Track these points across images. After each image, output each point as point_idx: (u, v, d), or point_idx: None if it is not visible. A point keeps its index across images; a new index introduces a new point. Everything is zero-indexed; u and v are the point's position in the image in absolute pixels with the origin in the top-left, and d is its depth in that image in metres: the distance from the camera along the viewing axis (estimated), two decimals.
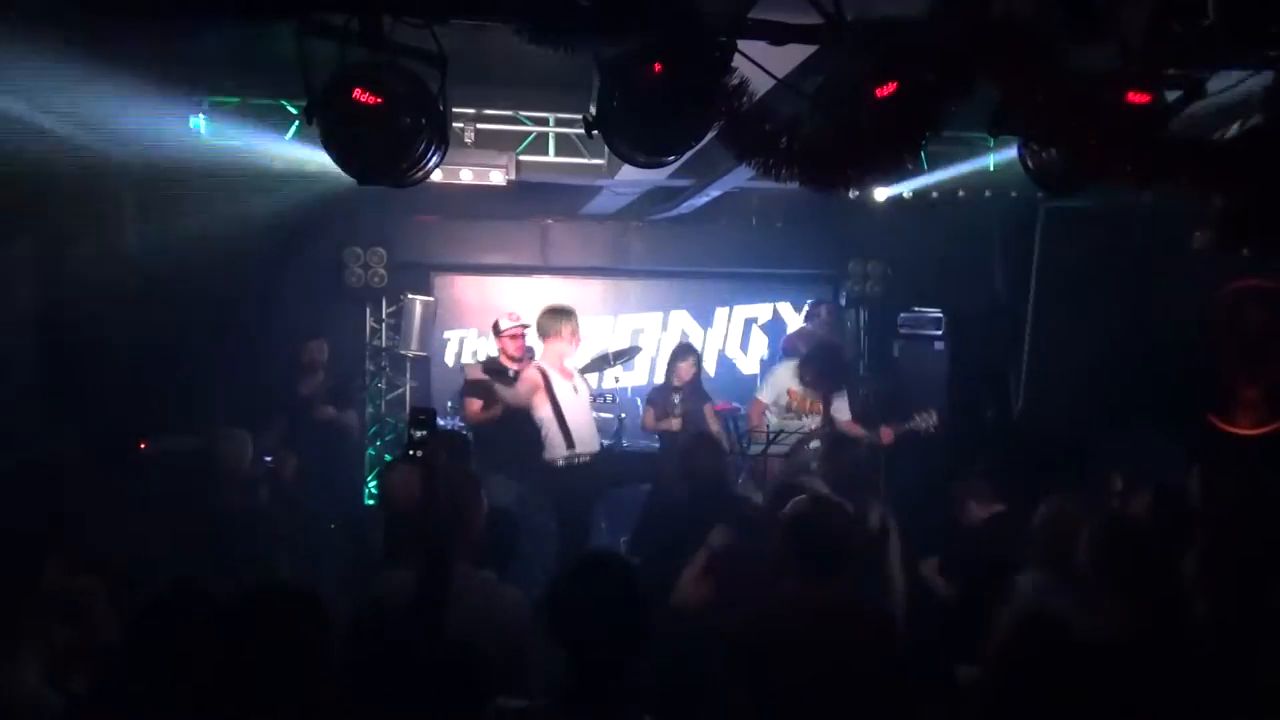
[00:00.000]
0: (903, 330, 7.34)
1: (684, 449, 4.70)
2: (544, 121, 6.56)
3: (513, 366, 6.15)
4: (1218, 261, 5.34)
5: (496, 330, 6.34)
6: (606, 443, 6.42)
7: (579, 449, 5.46)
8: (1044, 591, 3.21)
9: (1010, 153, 4.60)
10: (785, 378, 6.27)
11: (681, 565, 3.61)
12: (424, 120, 3.24)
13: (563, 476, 5.46)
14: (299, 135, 6.27)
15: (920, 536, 4.29)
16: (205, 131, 6.23)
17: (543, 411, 5.47)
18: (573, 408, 5.51)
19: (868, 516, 3.97)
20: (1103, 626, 2.75)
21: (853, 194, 3.47)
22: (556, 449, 5.46)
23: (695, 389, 6.60)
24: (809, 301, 8.04)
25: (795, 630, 2.80)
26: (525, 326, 6.24)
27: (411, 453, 2.66)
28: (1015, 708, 2.27)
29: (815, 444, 6.05)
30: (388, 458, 7.71)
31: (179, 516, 4.61)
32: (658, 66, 3.11)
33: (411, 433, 2.68)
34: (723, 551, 3.58)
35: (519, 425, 5.61)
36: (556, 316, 5.63)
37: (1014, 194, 6.70)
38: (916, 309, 7.31)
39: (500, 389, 5.55)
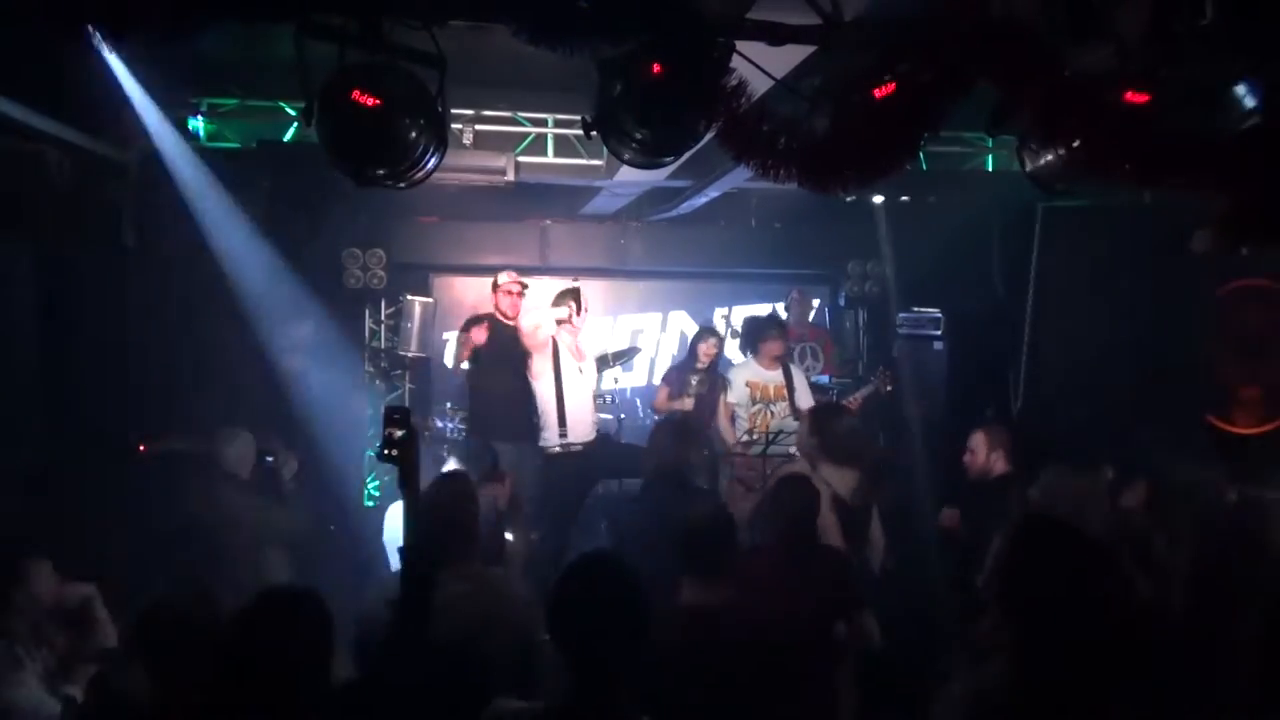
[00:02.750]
0: (902, 330, 7.33)
1: (653, 429, 4.69)
2: (543, 122, 6.56)
3: (509, 323, 6.09)
4: (1218, 261, 5.35)
5: (495, 286, 6.23)
6: (606, 432, 6.40)
7: (572, 438, 5.43)
8: None
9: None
10: (742, 373, 6.41)
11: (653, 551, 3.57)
12: (422, 121, 3.24)
13: (555, 465, 5.43)
14: (298, 136, 6.28)
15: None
16: (204, 132, 6.24)
17: (543, 387, 5.43)
18: (574, 391, 5.48)
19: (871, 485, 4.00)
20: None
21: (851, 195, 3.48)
22: (550, 435, 5.43)
23: (713, 374, 6.54)
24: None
25: (694, 633, 2.76)
26: (524, 285, 6.18)
27: (387, 452, 2.65)
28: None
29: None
30: None
31: (180, 518, 4.60)
32: (657, 67, 3.11)
33: (389, 432, 2.67)
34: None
35: (515, 397, 5.59)
36: (559, 296, 5.66)
37: (1013, 194, 6.70)
38: (916, 309, 7.30)
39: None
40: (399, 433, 2.65)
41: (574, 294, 5.69)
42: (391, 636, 2.46)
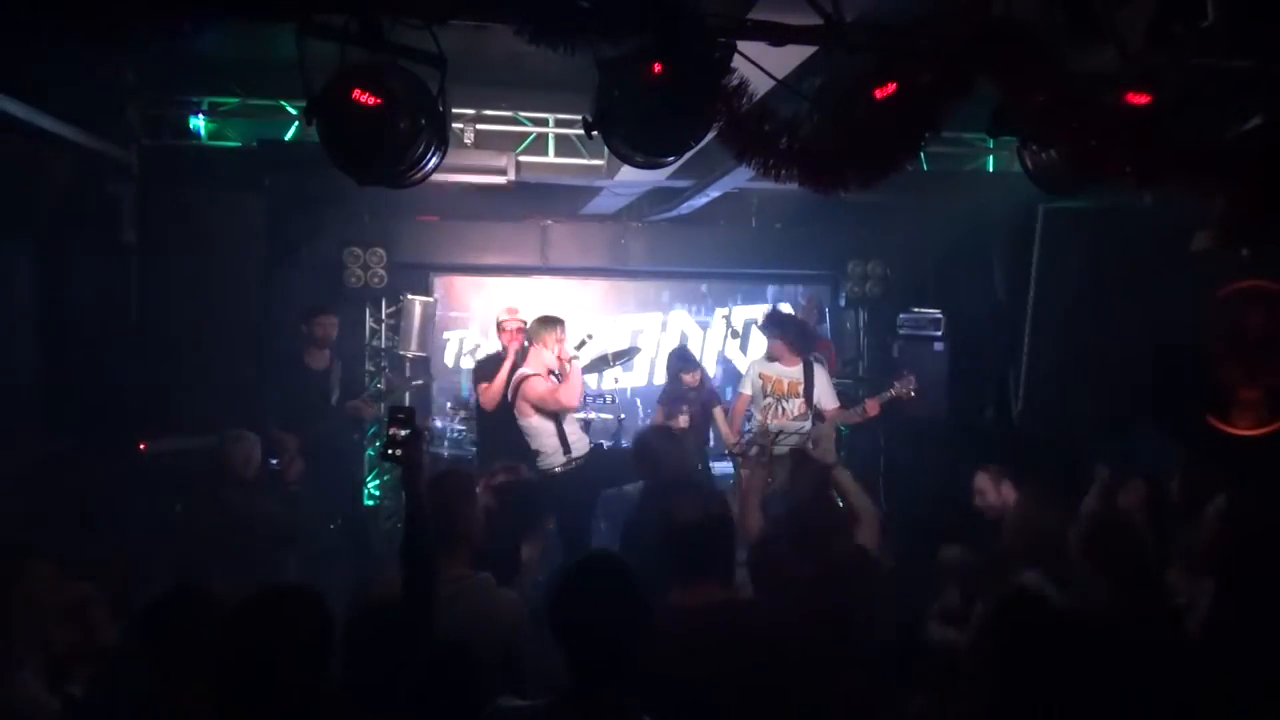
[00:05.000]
0: (902, 331, 7.34)
1: (638, 438, 4.71)
2: (544, 122, 6.56)
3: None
4: (1218, 261, 5.33)
5: (500, 328, 6.27)
6: (598, 442, 6.42)
7: (574, 454, 5.47)
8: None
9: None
10: (758, 365, 6.45)
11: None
12: (423, 121, 3.24)
13: (560, 483, 5.45)
14: (298, 135, 6.28)
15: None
16: (204, 131, 6.24)
17: (541, 422, 5.46)
18: (567, 418, 5.54)
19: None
20: (1090, 617, 2.76)
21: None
22: (554, 457, 5.46)
23: (704, 390, 6.72)
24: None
25: (679, 632, 2.66)
26: (523, 321, 6.23)
27: (391, 452, 2.65)
28: (1001, 682, 2.23)
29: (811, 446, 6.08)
30: None
31: (182, 518, 4.60)
32: (657, 67, 3.11)
33: (393, 432, 2.66)
34: None
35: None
36: (542, 324, 5.67)
37: (1013, 194, 6.69)
38: (916, 309, 7.30)
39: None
40: (403, 432, 2.65)
41: (550, 324, 5.67)
42: (394, 636, 2.47)
